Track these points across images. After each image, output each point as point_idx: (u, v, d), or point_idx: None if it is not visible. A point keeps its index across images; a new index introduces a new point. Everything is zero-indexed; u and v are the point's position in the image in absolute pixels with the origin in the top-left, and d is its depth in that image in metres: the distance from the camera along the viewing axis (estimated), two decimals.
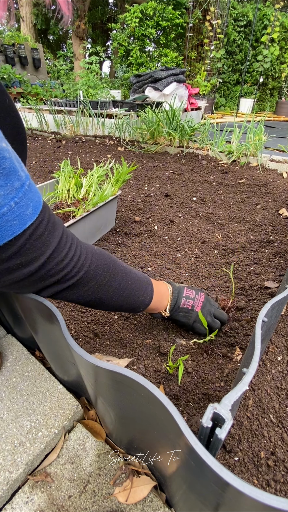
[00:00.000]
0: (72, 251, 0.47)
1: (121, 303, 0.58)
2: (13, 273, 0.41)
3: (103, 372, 0.38)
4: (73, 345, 0.41)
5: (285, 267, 1.03)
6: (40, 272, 0.43)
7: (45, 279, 0.44)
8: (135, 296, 0.60)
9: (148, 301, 0.64)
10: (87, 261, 0.50)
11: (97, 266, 0.51)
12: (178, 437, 0.32)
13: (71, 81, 5.68)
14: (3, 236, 0.36)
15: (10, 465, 0.49)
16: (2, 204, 0.35)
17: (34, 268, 0.41)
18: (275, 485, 0.48)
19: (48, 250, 0.42)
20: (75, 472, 0.50)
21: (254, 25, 6.14)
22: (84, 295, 0.51)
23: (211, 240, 1.24)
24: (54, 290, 0.47)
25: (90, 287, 0.51)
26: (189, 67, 7.34)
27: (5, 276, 0.41)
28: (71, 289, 0.49)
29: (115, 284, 0.55)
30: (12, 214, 0.36)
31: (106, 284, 0.53)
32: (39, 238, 0.41)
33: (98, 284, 0.52)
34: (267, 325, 0.52)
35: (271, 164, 2.24)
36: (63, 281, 0.47)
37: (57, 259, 0.44)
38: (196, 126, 2.66)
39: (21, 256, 0.39)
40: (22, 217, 0.38)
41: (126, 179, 1.22)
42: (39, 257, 0.41)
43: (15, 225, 0.37)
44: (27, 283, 0.43)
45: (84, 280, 0.49)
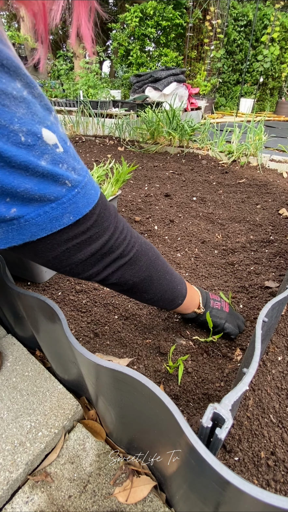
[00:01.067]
0: (126, 224, 0.51)
1: (166, 288, 0.59)
2: (93, 243, 0.44)
3: (104, 370, 0.38)
4: (75, 344, 0.41)
5: (285, 267, 1.03)
6: (111, 241, 0.46)
7: (113, 250, 0.47)
8: (175, 282, 0.61)
9: (185, 292, 0.65)
10: (137, 235, 0.53)
11: (145, 242, 0.55)
12: (179, 436, 0.32)
13: (71, 81, 5.68)
14: (89, 202, 0.40)
15: (10, 465, 0.49)
16: (84, 175, 0.39)
17: (107, 236, 0.45)
18: (275, 485, 0.48)
19: (113, 220, 0.46)
20: (75, 472, 0.50)
21: (254, 25, 6.14)
22: (140, 271, 0.53)
23: (211, 240, 1.24)
24: (118, 264, 0.49)
25: (144, 262, 0.53)
26: (189, 67, 7.33)
27: (85, 248, 0.43)
28: (131, 264, 0.51)
29: (160, 263, 0.57)
30: (90, 184, 0.41)
31: (154, 261, 0.56)
32: (106, 208, 0.45)
33: (149, 260, 0.54)
34: (268, 325, 0.52)
35: (271, 164, 2.24)
36: (125, 254, 0.49)
37: (119, 229, 0.48)
38: (196, 126, 2.66)
39: (99, 224, 0.43)
40: (95, 187, 0.42)
41: (126, 179, 1.21)
42: (109, 226, 0.45)
43: (93, 194, 0.41)
44: (100, 256, 0.46)
45: (139, 253, 0.52)
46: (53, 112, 0.35)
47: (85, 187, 0.39)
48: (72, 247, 0.42)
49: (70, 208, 0.38)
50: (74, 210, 0.39)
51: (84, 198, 0.40)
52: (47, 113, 0.34)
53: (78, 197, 0.38)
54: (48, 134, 0.33)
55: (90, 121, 3.32)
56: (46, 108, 0.34)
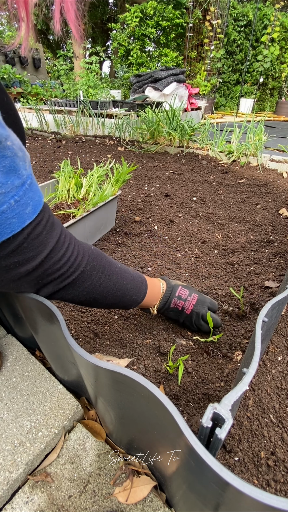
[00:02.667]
0: (70, 251, 0.47)
1: (115, 302, 0.59)
2: (11, 272, 0.41)
3: (103, 372, 0.38)
4: (74, 345, 0.41)
5: (285, 267, 1.03)
6: (37, 271, 0.43)
7: (42, 278, 0.45)
8: (128, 295, 0.61)
9: (140, 300, 0.65)
10: (83, 261, 0.50)
11: (93, 267, 0.52)
12: (178, 437, 0.32)
13: (71, 81, 5.67)
14: (1, 233, 0.36)
15: (10, 465, 0.49)
16: (2, 202, 0.35)
17: (31, 267, 0.42)
18: (275, 485, 0.48)
19: (46, 250, 0.43)
20: (75, 472, 0.50)
21: (254, 25, 6.14)
22: (79, 295, 0.52)
23: (211, 240, 1.24)
24: (50, 289, 0.47)
25: (85, 287, 0.51)
26: (189, 67, 7.33)
27: (3, 274, 0.41)
28: (67, 289, 0.49)
29: (110, 285, 0.56)
30: (12, 212, 0.36)
31: (101, 285, 0.54)
32: (37, 237, 0.41)
33: (93, 285, 0.52)
34: (267, 325, 0.52)
35: (271, 164, 2.24)
36: (59, 281, 0.47)
37: (54, 259, 0.44)
38: (196, 126, 2.66)
39: (19, 254, 0.40)
40: (21, 215, 0.38)
41: (126, 179, 1.21)
42: (37, 256, 0.42)
43: (14, 223, 0.37)
44: (24, 282, 0.43)
45: (80, 280, 0.50)
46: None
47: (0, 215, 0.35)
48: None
49: None
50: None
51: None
52: None
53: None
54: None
55: (90, 121, 3.32)
56: None
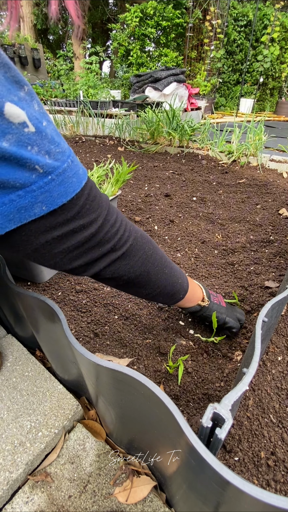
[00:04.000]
0: (120, 216, 0.48)
1: (165, 283, 0.57)
2: (76, 236, 0.41)
3: (104, 370, 0.38)
4: (75, 344, 0.41)
5: (285, 267, 1.03)
6: (99, 235, 0.43)
7: (103, 244, 0.44)
8: (175, 277, 0.59)
9: (186, 286, 0.62)
10: (133, 228, 0.50)
11: (142, 235, 0.52)
12: (179, 436, 0.32)
13: (71, 81, 5.67)
14: (67, 192, 0.37)
15: (10, 465, 0.49)
16: (63, 160, 0.36)
17: (94, 229, 0.42)
18: (275, 485, 0.48)
19: (104, 212, 0.43)
20: (75, 472, 0.50)
21: (254, 25, 6.14)
22: (135, 266, 0.50)
23: (211, 240, 1.24)
24: (109, 259, 0.46)
25: (140, 256, 0.50)
26: (189, 67, 7.33)
27: (69, 240, 0.40)
28: (124, 259, 0.48)
29: (158, 258, 0.55)
30: (71, 171, 0.37)
31: (152, 255, 0.53)
32: (94, 199, 0.42)
33: (146, 254, 0.52)
34: (267, 325, 0.52)
35: (271, 164, 2.24)
36: (117, 247, 0.47)
37: (111, 221, 0.45)
38: (196, 126, 2.66)
39: (83, 217, 0.40)
40: (78, 175, 0.39)
41: (127, 179, 1.22)
42: (97, 218, 0.42)
43: (75, 182, 0.38)
44: (87, 249, 0.43)
45: (134, 247, 0.49)
46: (26, 87, 0.32)
47: (63, 174, 0.36)
48: (52, 239, 0.38)
49: (42, 197, 0.34)
50: (47, 200, 0.35)
51: (61, 187, 0.36)
52: (14, 86, 0.31)
53: (52, 185, 0.35)
54: (14, 110, 0.30)
55: (90, 121, 3.32)
56: (14, 81, 0.31)
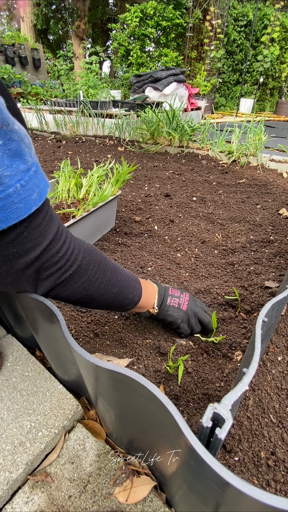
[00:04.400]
0: (67, 244, 0.47)
1: (111, 300, 0.58)
2: (8, 263, 0.40)
3: (103, 371, 0.38)
4: (74, 345, 0.41)
5: (285, 267, 1.03)
6: (36, 264, 0.42)
7: (40, 272, 0.44)
8: (125, 293, 0.60)
9: (137, 299, 0.64)
10: (79, 255, 0.50)
11: (89, 261, 0.51)
12: (178, 436, 0.32)
13: (71, 81, 5.68)
14: (8, 218, 0.36)
15: (10, 465, 0.49)
16: (8, 184, 0.34)
17: (29, 259, 0.41)
18: (275, 485, 0.48)
19: (45, 241, 0.42)
20: (75, 472, 0.50)
21: (254, 25, 6.14)
22: (75, 291, 0.51)
23: (211, 240, 1.24)
24: (48, 285, 0.46)
25: (82, 282, 0.51)
26: (189, 67, 7.33)
27: (1, 266, 0.40)
28: (64, 285, 0.48)
29: (105, 280, 0.55)
30: (18, 196, 0.36)
31: (97, 280, 0.53)
32: (37, 227, 0.40)
33: (89, 280, 0.52)
34: (267, 325, 0.52)
35: (271, 164, 2.24)
36: (57, 275, 0.46)
37: (53, 251, 0.44)
38: (196, 126, 2.66)
39: (18, 244, 0.39)
40: (28, 201, 0.37)
41: (126, 179, 1.22)
42: (36, 247, 0.41)
43: (21, 209, 0.36)
44: (22, 277, 0.42)
45: (76, 274, 0.49)
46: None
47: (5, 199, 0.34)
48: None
49: None
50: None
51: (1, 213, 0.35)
52: None
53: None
54: None
55: (90, 121, 3.32)
56: None
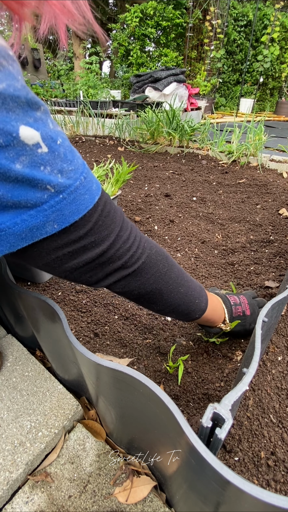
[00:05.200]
0: (134, 232, 0.47)
1: (179, 302, 0.55)
2: (87, 252, 0.41)
3: (105, 370, 0.38)
4: (75, 343, 0.41)
5: (285, 267, 1.03)
6: (110, 251, 0.43)
7: (114, 260, 0.44)
8: (191, 296, 0.57)
9: (204, 306, 0.60)
10: (148, 244, 0.49)
11: (157, 252, 0.51)
12: (179, 435, 0.32)
13: (71, 81, 5.68)
14: (78, 210, 0.37)
15: (10, 465, 0.49)
16: (75, 178, 0.36)
17: (106, 246, 0.42)
18: (275, 485, 0.48)
19: (117, 228, 0.43)
20: (75, 472, 0.50)
21: (254, 25, 6.15)
22: (146, 283, 0.50)
23: (211, 240, 1.24)
24: (121, 274, 0.46)
25: (152, 274, 0.50)
26: (189, 67, 7.34)
27: (79, 256, 0.40)
28: (135, 275, 0.48)
29: (173, 276, 0.53)
30: (83, 188, 0.37)
31: (166, 273, 0.52)
32: (108, 215, 0.42)
33: (159, 272, 0.50)
34: (267, 325, 0.52)
35: (271, 164, 2.24)
36: (129, 264, 0.46)
37: (124, 238, 0.44)
38: (196, 126, 2.66)
39: (95, 233, 0.40)
40: (91, 191, 0.38)
41: (127, 179, 1.22)
42: (110, 234, 0.42)
43: (87, 199, 0.38)
44: (97, 265, 0.43)
45: (147, 265, 0.48)
46: (42, 107, 0.32)
47: (75, 192, 0.36)
48: (62, 255, 0.39)
49: (53, 216, 0.34)
50: (59, 218, 0.35)
51: (73, 205, 0.36)
52: (31, 108, 0.31)
53: (63, 203, 0.35)
54: (28, 132, 0.30)
55: (90, 121, 3.32)
56: (32, 102, 0.31)
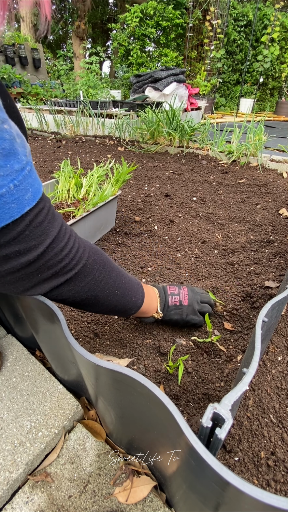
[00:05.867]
0: (71, 242, 0.46)
1: (116, 303, 0.57)
2: (10, 261, 0.39)
3: (104, 371, 0.38)
4: (74, 344, 0.41)
5: (285, 267, 1.03)
6: (39, 262, 0.41)
7: (43, 271, 0.43)
8: (128, 296, 0.60)
9: (140, 303, 0.64)
10: (85, 254, 0.49)
11: (94, 261, 0.51)
12: (178, 436, 0.32)
13: (71, 81, 5.68)
14: (1, 219, 0.36)
15: (10, 465, 0.49)
16: (1, 185, 0.34)
17: (32, 257, 0.40)
18: (275, 485, 0.48)
19: (48, 239, 0.42)
20: (75, 472, 0.50)
21: (254, 25, 6.15)
22: (81, 291, 0.50)
23: (211, 240, 1.24)
24: (51, 285, 0.45)
25: (87, 282, 0.50)
26: (189, 67, 7.34)
27: (2, 265, 0.39)
28: (68, 284, 0.47)
29: (110, 282, 0.54)
30: (11, 196, 0.36)
31: (102, 280, 0.52)
32: (39, 226, 0.40)
33: (95, 280, 0.51)
34: (267, 325, 0.52)
35: (271, 164, 2.24)
36: (61, 274, 0.45)
37: (56, 249, 0.43)
38: (196, 126, 2.66)
39: (20, 243, 0.39)
40: (21, 201, 0.37)
41: (127, 179, 1.22)
42: (38, 245, 0.41)
43: (13, 209, 0.36)
44: (24, 275, 0.42)
45: (82, 273, 0.48)
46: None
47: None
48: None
49: None
50: None
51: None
52: None
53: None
54: None
55: (90, 121, 3.32)
56: None
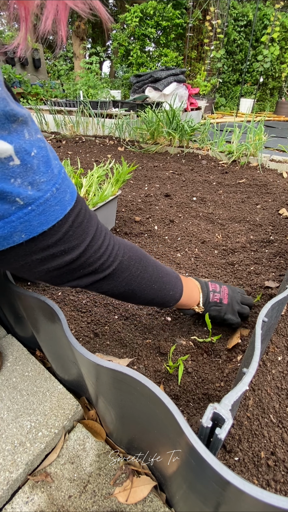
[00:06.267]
0: (107, 240, 0.48)
1: (153, 296, 0.59)
2: (56, 260, 0.42)
3: (104, 371, 0.38)
4: (75, 344, 0.41)
5: (285, 267, 1.03)
6: (80, 259, 0.44)
7: (84, 267, 0.45)
8: (166, 290, 0.61)
9: (178, 296, 0.65)
10: (120, 251, 0.51)
11: (130, 257, 0.53)
12: (179, 436, 0.32)
13: (71, 81, 5.68)
14: (47, 221, 0.38)
15: (10, 465, 0.49)
16: (46, 190, 0.36)
17: (75, 255, 0.43)
18: (275, 485, 0.48)
19: (88, 238, 0.44)
20: (75, 472, 0.50)
21: (254, 25, 6.15)
22: (118, 286, 0.52)
23: (211, 240, 1.24)
24: (90, 279, 0.48)
25: (124, 277, 0.52)
26: (189, 67, 7.34)
27: (49, 263, 0.42)
28: (107, 280, 0.50)
29: (147, 276, 0.56)
30: (54, 199, 0.38)
31: (139, 275, 0.54)
32: (80, 225, 0.43)
33: (131, 275, 0.53)
34: (267, 325, 0.52)
35: (271, 164, 2.24)
36: (100, 271, 0.48)
37: (95, 247, 0.46)
38: (196, 126, 2.66)
39: (65, 242, 0.41)
40: (62, 202, 0.39)
41: (126, 179, 1.22)
42: (80, 244, 0.43)
43: (57, 210, 0.38)
44: (67, 271, 0.44)
45: (119, 270, 0.50)
46: (20, 118, 0.32)
47: (44, 203, 0.36)
48: (31, 262, 0.40)
49: (21, 227, 0.35)
50: (27, 229, 0.36)
51: (42, 216, 0.37)
52: (7, 120, 0.31)
53: (32, 215, 0.35)
54: (1, 146, 0.31)
55: (90, 121, 3.32)
56: (9, 114, 0.31)
